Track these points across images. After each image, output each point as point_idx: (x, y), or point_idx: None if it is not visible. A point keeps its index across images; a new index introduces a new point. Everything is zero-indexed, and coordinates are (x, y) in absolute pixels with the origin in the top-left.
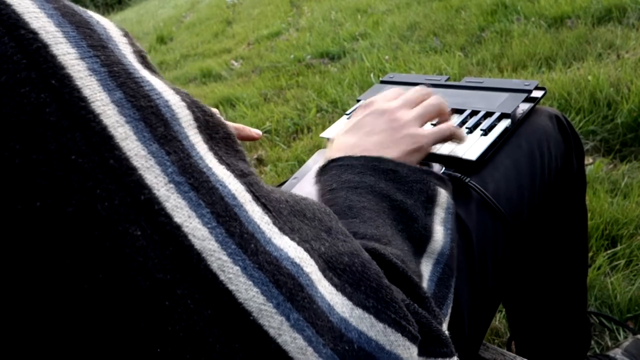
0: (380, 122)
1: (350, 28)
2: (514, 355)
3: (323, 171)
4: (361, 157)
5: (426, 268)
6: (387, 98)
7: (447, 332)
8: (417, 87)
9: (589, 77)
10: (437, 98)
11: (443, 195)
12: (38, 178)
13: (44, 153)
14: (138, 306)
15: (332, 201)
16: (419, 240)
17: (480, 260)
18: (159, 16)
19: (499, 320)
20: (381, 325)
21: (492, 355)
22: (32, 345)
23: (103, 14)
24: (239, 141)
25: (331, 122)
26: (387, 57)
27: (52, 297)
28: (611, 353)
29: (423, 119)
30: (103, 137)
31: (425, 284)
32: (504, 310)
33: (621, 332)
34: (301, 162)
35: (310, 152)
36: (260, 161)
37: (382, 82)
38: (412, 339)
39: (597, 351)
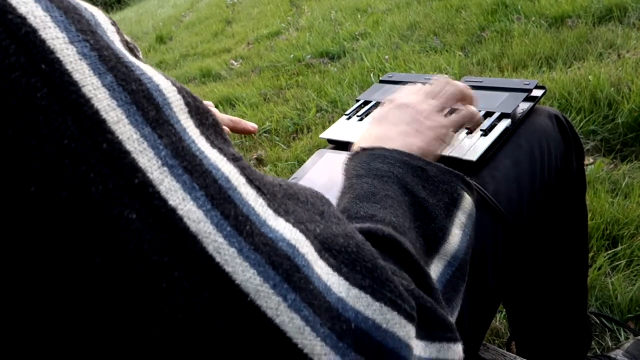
0: (404, 114)
1: (350, 27)
2: (514, 355)
3: (353, 158)
4: (394, 150)
5: (436, 268)
6: (409, 92)
7: (452, 319)
8: (438, 78)
9: (590, 77)
10: (455, 83)
11: (467, 201)
12: (31, 163)
13: (37, 138)
14: (135, 289)
15: (357, 185)
16: (433, 239)
17: (479, 260)
18: (158, 16)
19: (499, 321)
20: (377, 304)
21: (493, 356)
22: (31, 333)
23: None
24: (225, 130)
25: (331, 122)
26: (387, 56)
27: (50, 281)
28: (612, 354)
29: (445, 107)
30: (95, 121)
31: None
32: (504, 310)
33: (622, 333)
34: (301, 162)
35: (310, 152)
36: (260, 161)
37: (382, 81)
38: (407, 317)
39: (598, 351)
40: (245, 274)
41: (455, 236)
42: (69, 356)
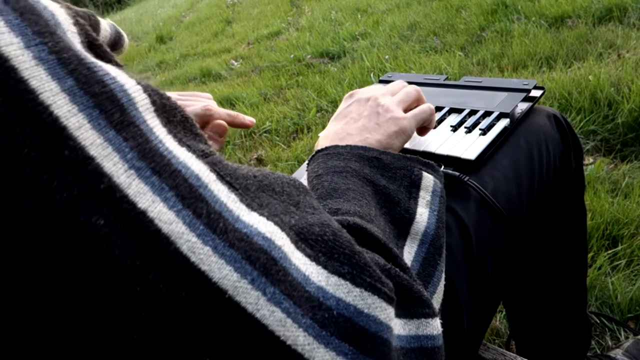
0: (364, 108)
1: (350, 28)
2: (514, 355)
3: (311, 161)
4: (347, 145)
5: (411, 249)
6: (370, 90)
7: (434, 295)
8: (396, 81)
9: (590, 77)
10: (413, 87)
11: (428, 179)
12: None
13: None
14: (109, 294)
15: (319, 185)
16: (402, 222)
17: (479, 259)
18: (159, 16)
19: (499, 320)
20: (358, 289)
21: (492, 355)
22: (6, 340)
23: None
24: (197, 125)
25: None
26: (387, 56)
27: (20, 291)
28: (612, 353)
29: (405, 104)
30: (55, 128)
31: (409, 264)
32: (504, 310)
33: (622, 332)
34: (301, 162)
35: (310, 152)
36: (260, 161)
37: (381, 81)
38: (388, 300)
39: (598, 351)
40: (221, 271)
41: (423, 215)
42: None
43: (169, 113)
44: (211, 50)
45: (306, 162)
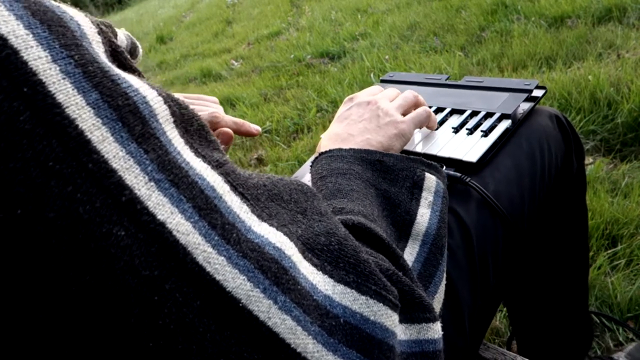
0: (364, 110)
1: (350, 28)
2: (514, 354)
3: (315, 163)
4: (350, 149)
5: (412, 250)
6: (369, 93)
7: (435, 295)
8: (391, 88)
9: (590, 77)
10: (411, 92)
11: (431, 180)
12: (16, 186)
13: (21, 161)
14: (127, 303)
15: (323, 187)
16: (402, 224)
17: (480, 259)
18: (159, 16)
19: (499, 320)
20: (363, 297)
21: (493, 355)
22: (23, 350)
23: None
24: (211, 131)
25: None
26: (387, 56)
27: (41, 301)
28: (614, 356)
29: (403, 108)
30: (80, 141)
31: (410, 265)
32: (504, 309)
33: (621, 332)
34: (301, 162)
35: (310, 152)
36: (260, 161)
37: (382, 81)
38: (393, 307)
39: (598, 351)
40: (235, 280)
41: (424, 215)
42: None
43: (187, 122)
44: (211, 51)
45: (307, 162)
